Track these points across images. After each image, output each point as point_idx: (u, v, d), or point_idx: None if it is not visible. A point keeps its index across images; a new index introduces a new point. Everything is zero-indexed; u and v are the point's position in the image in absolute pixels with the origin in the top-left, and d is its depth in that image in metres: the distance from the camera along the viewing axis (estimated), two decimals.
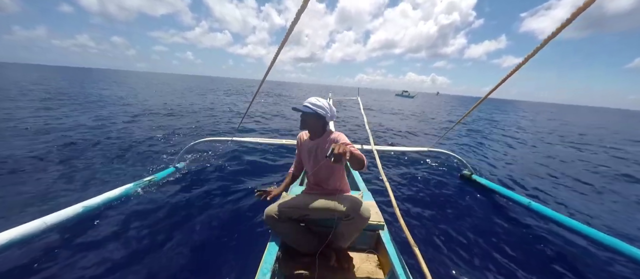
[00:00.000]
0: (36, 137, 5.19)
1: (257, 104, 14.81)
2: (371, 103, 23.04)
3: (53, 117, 7.17)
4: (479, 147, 6.95)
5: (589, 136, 11.58)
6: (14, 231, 1.85)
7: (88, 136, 5.54)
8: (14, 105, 8.63)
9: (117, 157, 4.41)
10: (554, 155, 6.79)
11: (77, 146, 4.77)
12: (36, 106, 8.87)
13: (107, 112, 8.66)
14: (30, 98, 10.62)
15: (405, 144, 6.73)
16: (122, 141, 5.32)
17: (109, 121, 7.26)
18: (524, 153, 6.92)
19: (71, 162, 4.00)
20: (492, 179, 3.91)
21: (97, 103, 10.79)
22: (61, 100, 10.81)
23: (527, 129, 12.84)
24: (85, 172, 3.71)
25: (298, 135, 1.85)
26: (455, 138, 7.77)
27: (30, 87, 15.47)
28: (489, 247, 2.40)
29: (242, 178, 3.82)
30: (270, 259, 1.43)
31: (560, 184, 4.39)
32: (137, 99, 13.40)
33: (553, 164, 5.84)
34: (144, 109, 9.87)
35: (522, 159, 6.13)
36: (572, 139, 10.21)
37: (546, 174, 4.96)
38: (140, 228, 2.46)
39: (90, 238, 2.29)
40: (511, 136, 9.76)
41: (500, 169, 5.05)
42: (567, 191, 4.11)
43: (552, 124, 16.37)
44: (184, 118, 8.83)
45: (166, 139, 5.80)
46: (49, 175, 3.51)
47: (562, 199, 3.63)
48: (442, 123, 12.74)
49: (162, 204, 2.88)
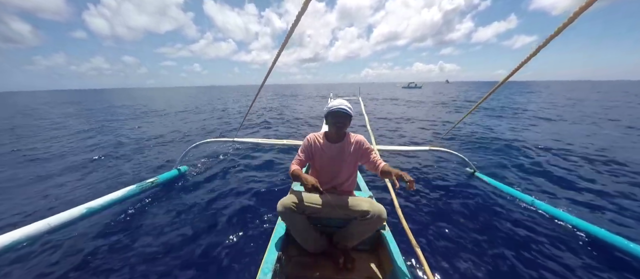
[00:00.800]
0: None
1: (260, 106, 14.84)
2: (370, 106, 22.65)
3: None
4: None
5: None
6: (18, 232, 1.87)
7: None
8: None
9: (121, 159, 4.44)
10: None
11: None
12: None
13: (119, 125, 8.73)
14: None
15: (407, 143, 6.71)
16: (130, 145, 5.36)
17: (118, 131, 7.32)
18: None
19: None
20: (495, 177, 3.88)
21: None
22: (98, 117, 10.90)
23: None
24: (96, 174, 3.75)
25: (309, 137, 1.77)
26: (463, 136, 7.71)
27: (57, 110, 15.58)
28: (491, 246, 2.39)
29: (243, 179, 3.83)
30: (271, 258, 1.43)
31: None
32: (148, 108, 13.43)
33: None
34: (149, 116, 9.93)
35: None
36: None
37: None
38: (142, 229, 2.47)
39: (93, 239, 2.30)
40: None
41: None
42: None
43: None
44: (190, 123, 8.87)
45: (169, 142, 5.83)
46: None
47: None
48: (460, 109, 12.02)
49: (164, 206, 2.89)
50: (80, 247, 2.19)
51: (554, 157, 4.89)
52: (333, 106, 1.61)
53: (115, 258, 2.09)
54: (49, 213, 2.24)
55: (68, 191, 3.44)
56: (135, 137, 6.54)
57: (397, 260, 1.49)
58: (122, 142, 6.01)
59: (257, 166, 4.43)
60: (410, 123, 9.51)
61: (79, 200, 2.77)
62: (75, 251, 2.14)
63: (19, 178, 3.95)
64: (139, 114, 11.69)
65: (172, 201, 3.01)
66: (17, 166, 4.65)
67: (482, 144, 6.18)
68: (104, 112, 14.32)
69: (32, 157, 5.15)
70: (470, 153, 5.47)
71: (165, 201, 2.99)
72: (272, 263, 1.40)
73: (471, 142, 6.43)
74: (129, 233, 2.41)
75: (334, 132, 1.68)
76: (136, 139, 5.77)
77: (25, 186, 3.69)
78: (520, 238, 2.52)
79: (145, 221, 2.59)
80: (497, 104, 15.24)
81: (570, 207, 3.06)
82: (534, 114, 10.86)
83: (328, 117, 1.65)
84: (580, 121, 9.00)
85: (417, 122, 9.76)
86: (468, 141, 6.63)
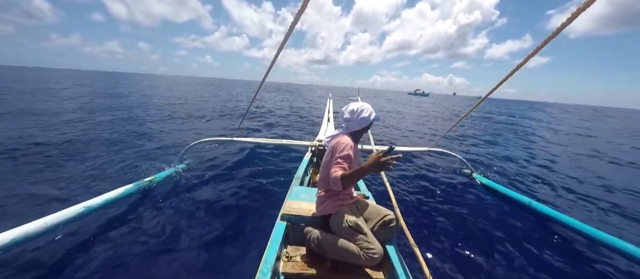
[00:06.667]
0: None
1: (262, 105, 14.80)
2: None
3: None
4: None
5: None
6: (14, 232, 1.85)
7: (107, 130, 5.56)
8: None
9: (118, 156, 4.42)
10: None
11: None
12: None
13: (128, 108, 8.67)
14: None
15: (406, 144, 6.72)
16: (129, 141, 5.33)
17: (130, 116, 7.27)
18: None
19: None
20: (493, 179, 3.90)
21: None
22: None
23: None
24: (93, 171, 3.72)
25: (347, 141, 1.59)
26: (462, 139, 7.76)
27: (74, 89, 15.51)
28: (489, 247, 2.40)
29: (241, 178, 3.82)
30: (270, 258, 1.43)
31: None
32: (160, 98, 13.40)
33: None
34: (156, 110, 9.90)
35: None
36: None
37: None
38: (139, 228, 2.46)
39: (90, 238, 2.29)
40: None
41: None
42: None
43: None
44: (190, 120, 8.84)
45: (169, 140, 5.81)
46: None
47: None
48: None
49: (162, 205, 2.88)
50: (77, 246, 2.17)
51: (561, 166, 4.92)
52: (372, 113, 1.64)
53: (113, 257, 2.08)
54: (46, 211, 2.22)
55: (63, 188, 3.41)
56: (139, 130, 6.48)
57: (396, 260, 1.49)
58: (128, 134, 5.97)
59: (256, 165, 4.41)
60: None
61: (77, 198, 2.76)
62: (72, 251, 2.12)
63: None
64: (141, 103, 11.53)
65: (170, 200, 3.00)
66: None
67: (480, 146, 6.20)
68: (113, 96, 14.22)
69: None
70: (469, 152, 5.49)
71: (163, 200, 2.98)
72: (271, 262, 1.40)
73: (471, 145, 6.45)
74: (126, 232, 2.40)
75: (362, 135, 1.73)
76: (138, 134, 5.73)
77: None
78: (518, 239, 2.53)
79: (142, 220, 2.57)
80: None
81: (568, 208, 3.08)
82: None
83: (370, 125, 1.70)
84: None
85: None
86: (468, 143, 6.66)
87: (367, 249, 1.41)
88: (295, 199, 2.03)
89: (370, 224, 1.63)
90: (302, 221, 1.80)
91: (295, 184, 2.41)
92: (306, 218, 1.79)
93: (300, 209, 1.87)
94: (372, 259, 1.39)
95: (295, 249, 1.72)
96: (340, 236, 1.52)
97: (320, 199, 1.70)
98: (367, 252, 1.40)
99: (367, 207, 1.72)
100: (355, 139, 1.69)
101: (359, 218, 1.57)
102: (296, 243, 1.79)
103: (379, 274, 1.58)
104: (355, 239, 1.45)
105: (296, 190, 2.19)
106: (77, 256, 2.07)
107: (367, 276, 1.56)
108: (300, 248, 1.74)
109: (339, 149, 1.53)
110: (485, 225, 2.76)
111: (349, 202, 1.67)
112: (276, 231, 1.69)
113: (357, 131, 1.67)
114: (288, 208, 1.88)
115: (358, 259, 1.41)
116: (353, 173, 1.39)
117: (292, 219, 1.81)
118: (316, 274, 1.52)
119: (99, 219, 2.52)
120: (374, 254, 1.39)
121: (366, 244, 1.42)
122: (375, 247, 1.41)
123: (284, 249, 1.70)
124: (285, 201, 2.00)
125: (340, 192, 1.64)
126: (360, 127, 1.65)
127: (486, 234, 2.60)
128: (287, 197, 2.09)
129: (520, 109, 30.77)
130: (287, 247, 1.74)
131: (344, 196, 1.66)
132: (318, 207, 1.72)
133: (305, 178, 2.90)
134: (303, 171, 2.83)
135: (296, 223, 1.81)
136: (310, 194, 2.07)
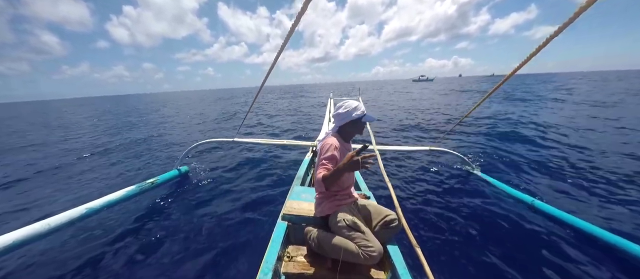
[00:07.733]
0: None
1: (263, 106, 14.84)
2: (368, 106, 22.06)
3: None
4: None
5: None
6: (17, 233, 1.86)
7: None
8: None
9: (123, 158, 4.45)
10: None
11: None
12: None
13: None
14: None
15: (408, 143, 6.70)
16: (136, 145, 5.36)
17: None
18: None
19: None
20: (496, 176, 3.87)
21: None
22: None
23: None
24: None
25: (332, 142, 1.59)
26: (465, 134, 7.69)
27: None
28: (491, 246, 2.38)
29: (243, 179, 3.83)
30: (271, 258, 1.43)
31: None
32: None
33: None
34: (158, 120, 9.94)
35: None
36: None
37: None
38: (141, 230, 2.47)
39: (92, 239, 2.30)
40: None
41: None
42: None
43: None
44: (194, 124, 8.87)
45: (171, 143, 5.83)
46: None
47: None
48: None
49: (164, 206, 2.89)
50: (79, 247, 2.19)
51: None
52: (357, 110, 1.59)
53: (115, 258, 2.09)
54: (49, 213, 2.24)
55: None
56: (141, 137, 6.54)
57: (397, 260, 1.48)
58: (132, 140, 6.02)
59: (256, 166, 4.42)
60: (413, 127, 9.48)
61: (80, 199, 2.78)
62: (74, 252, 2.14)
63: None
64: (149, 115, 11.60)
65: (171, 201, 3.01)
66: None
67: (490, 137, 6.13)
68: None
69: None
70: (470, 151, 5.46)
71: (165, 202, 2.99)
72: (272, 263, 1.40)
73: (476, 139, 6.39)
74: (128, 233, 2.41)
75: (353, 134, 1.70)
76: (138, 140, 5.80)
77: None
78: (521, 238, 2.51)
79: (144, 222, 2.59)
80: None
81: (572, 208, 3.05)
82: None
83: (358, 123, 1.63)
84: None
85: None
86: (469, 140, 6.62)
87: (366, 247, 1.40)
88: (296, 199, 2.03)
89: (372, 224, 1.62)
90: (303, 221, 1.80)
91: (296, 184, 2.41)
92: (307, 217, 1.79)
93: (301, 209, 1.87)
94: (371, 257, 1.38)
95: (296, 249, 1.72)
96: (339, 235, 1.52)
97: (318, 200, 1.71)
98: (365, 250, 1.40)
99: (368, 207, 1.71)
100: (346, 138, 1.69)
101: (356, 216, 1.57)
102: (297, 243, 1.78)
103: (381, 274, 1.58)
104: (354, 238, 1.45)
105: (297, 190, 2.19)
106: (78, 256, 2.08)
107: (369, 276, 1.55)
108: (301, 247, 1.73)
109: (324, 150, 1.57)
110: (487, 224, 2.74)
111: (347, 202, 1.67)
112: (277, 231, 1.69)
113: (345, 129, 1.66)
114: (289, 208, 1.88)
115: (357, 258, 1.41)
116: (333, 173, 1.42)
117: (293, 219, 1.81)
118: (317, 274, 1.51)
119: (101, 220, 2.54)
120: (373, 253, 1.39)
121: (364, 243, 1.42)
122: (374, 245, 1.41)
123: (285, 249, 1.70)
124: (286, 201, 2.00)
125: (338, 193, 1.65)
126: (344, 122, 1.64)
127: (488, 233, 2.58)
128: (288, 197, 2.09)
129: (528, 84, 28.25)
130: (288, 247, 1.74)
131: (341, 196, 1.66)
132: (316, 209, 1.73)
133: (306, 178, 2.89)
134: (304, 171, 2.83)
135: (297, 223, 1.81)
136: (311, 194, 2.07)
